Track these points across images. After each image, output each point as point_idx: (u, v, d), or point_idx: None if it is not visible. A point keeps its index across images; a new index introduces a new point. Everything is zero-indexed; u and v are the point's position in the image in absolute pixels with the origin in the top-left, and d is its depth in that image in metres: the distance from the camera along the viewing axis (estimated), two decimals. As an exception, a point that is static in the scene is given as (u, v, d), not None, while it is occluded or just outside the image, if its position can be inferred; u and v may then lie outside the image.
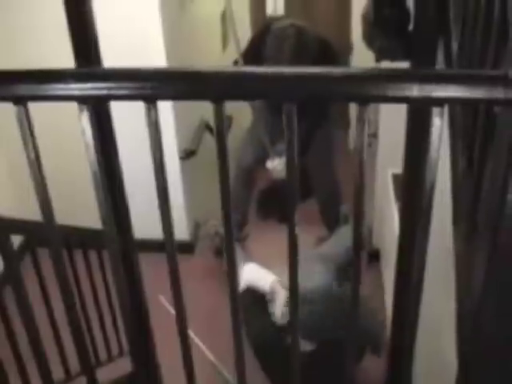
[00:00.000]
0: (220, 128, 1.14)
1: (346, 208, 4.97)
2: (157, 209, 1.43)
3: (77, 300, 1.56)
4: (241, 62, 4.56)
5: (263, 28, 4.67)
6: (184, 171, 5.11)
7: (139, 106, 1.25)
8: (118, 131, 2.03)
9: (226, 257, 1.31)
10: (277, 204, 5.40)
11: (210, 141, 5.47)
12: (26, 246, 3.07)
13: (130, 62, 2.28)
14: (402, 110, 1.87)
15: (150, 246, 3.86)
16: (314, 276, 3.55)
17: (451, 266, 1.85)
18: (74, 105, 1.20)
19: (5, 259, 1.41)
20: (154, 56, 4.60)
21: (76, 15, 1.90)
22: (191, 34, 5.38)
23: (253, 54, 4.60)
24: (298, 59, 4.20)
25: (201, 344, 4.11)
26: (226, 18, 6.47)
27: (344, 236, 4.28)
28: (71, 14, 1.90)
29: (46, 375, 1.94)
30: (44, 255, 2.89)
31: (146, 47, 4.60)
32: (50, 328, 3.04)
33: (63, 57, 2.07)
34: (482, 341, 1.26)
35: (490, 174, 1.45)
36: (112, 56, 2.27)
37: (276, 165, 4.79)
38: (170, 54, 4.70)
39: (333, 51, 4.61)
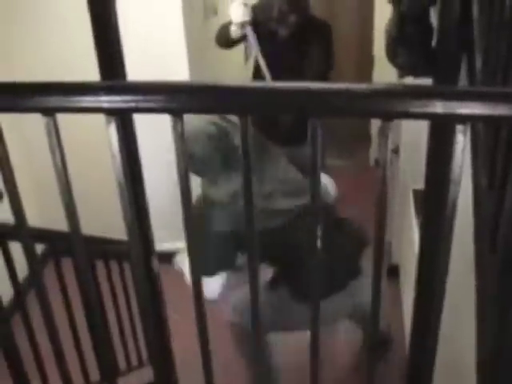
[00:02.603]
0: (245, 142, 1.15)
1: None
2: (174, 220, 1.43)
3: (98, 310, 1.58)
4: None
5: None
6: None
7: (160, 118, 1.27)
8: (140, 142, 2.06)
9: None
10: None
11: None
12: (49, 254, 3.10)
13: (153, 74, 2.33)
14: (423, 126, 1.87)
15: (166, 257, 3.90)
16: None
17: (472, 283, 1.85)
18: (97, 118, 1.22)
19: (29, 267, 1.42)
20: (176, 67, 4.64)
21: (102, 26, 1.92)
22: (214, 45, 5.42)
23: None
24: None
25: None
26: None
27: None
28: (97, 26, 1.93)
29: (67, 382, 1.96)
30: (65, 262, 2.93)
31: (169, 59, 4.63)
32: (71, 335, 3.07)
33: (88, 69, 2.10)
34: (503, 359, 1.26)
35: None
36: (135, 67, 2.29)
37: None
38: (192, 65, 4.73)
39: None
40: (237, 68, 6.23)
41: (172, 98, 1.11)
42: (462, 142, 1.08)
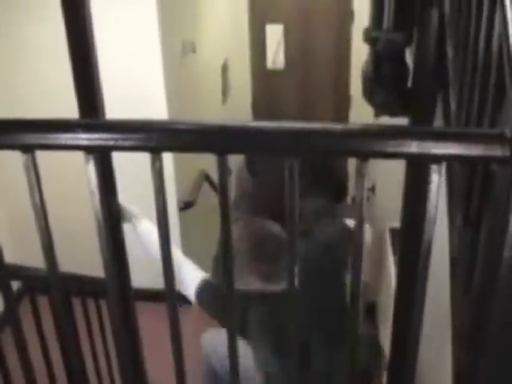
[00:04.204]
0: (223, 180, 1.16)
1: None
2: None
3: (74, 347, 1.57)
4: None
5: None
6: (182, 221, 5.12)
7: (138, 156, 1.27)
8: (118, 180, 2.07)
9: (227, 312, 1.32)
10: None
11: (208, 192, 5.50)
12: (24, 291, 3.07)
13: (131, 112, 2.34)
14: (399, 164, 1.89)
15: (144, 295, 3.91)
16: None
17: (448, 322, 1.86)
18: (76, 153, 1.22)
19: (5, 305, 1.42)
20: (155, 105, 4.65)
21: (81, 66, 1.94)
22: (192, 83, 5.45)
23: None
24: None
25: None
26: (226, 70, 6.55)
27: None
28: (76, 65, 1.94)
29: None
30: (41, 298, 2.91)
31: (147, 96, 4.65)
32: (45, 372, 3.03)
33: (67, 108, 2.11)
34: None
35: (487, 231, 1.47)
36: (114, 105, 2.30)
37: None
38: (171, 103, 4.75)
39: None
40: (215, 107, 6.26)
41: (150, 136, 1.11)
42: (436, 181, 1.09)
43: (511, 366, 1.18)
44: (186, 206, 5.10)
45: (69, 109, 2.02)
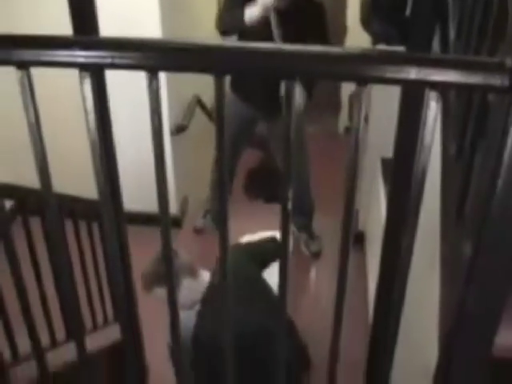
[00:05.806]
0: (220, 102, 1.15)
1: None
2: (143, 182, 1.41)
3: (67, 269, 1.57)
4: None
5: None
6: (173, 146, 5.12)
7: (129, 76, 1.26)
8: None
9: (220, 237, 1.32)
10: (265, 183, 5.40)
11: (200, 116, 5.48)
12: (17, 211, 3.06)
13: (124, 31, 2.31)
14: (393, 95, 1.87)
15: (134, 218, 3.94)
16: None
17: (438, 253, 1.87)
18: (71, 77, 1.21)
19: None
20: (148, 24, 4.59)
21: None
22: (188, 2, 5.37)
23: None
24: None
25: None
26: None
27: None
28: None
29: (34, 339, 1.96)
30: (33, 218, 2.92)
31: (141, 14, 4.59)
32: (37, 292, 3.06)
33: (60, 24, 2.08)
34: (464, 321, 1.28)
35: (481, 162, 1.47)
36: (107, 24, 2.27)
37: None
38: (165, 23, 4.69)
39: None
40: (209, 27, 6.19)
41: (148, 54, 1.10)
42: (434, 108, 1.09)
43: (500, 294, 1.19)
44: (178, 130, 5.08)
45: (61, 26, 1.99)
